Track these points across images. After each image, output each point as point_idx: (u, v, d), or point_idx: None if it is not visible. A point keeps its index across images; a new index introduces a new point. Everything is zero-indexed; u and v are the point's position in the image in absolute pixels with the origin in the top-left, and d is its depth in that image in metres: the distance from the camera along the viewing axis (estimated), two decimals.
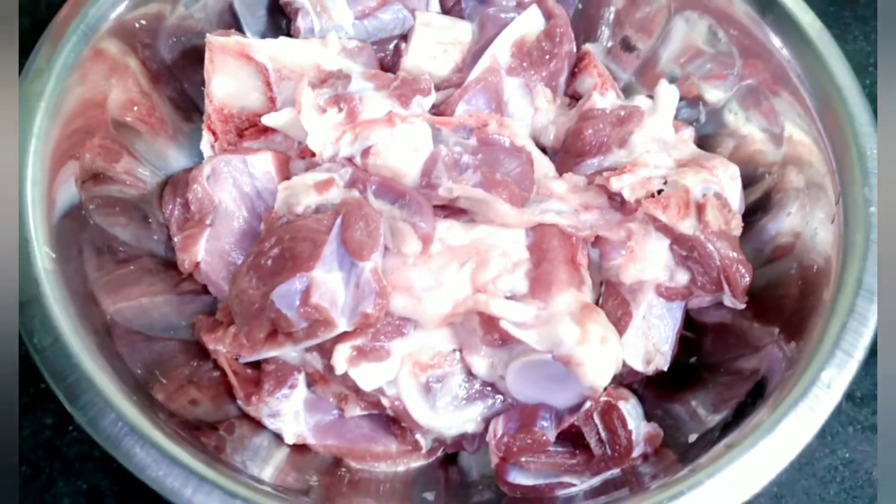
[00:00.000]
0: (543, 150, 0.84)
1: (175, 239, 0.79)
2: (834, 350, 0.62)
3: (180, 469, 0.57)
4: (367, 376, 0.69)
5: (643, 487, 0.62)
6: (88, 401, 0.58)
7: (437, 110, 0.81)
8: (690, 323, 0.79)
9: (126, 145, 0.78)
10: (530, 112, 0.85)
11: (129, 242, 0.76)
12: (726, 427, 0.64)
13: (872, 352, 0.85)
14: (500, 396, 0.73)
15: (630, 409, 0.69)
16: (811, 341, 0.64)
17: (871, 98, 1.02)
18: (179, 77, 0.84)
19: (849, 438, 0.82)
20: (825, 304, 0.65)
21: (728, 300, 0.74)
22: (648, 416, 0.72)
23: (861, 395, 0.84)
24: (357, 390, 0.71)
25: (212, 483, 0.56)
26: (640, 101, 0.83)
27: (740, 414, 0.65)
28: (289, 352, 0.73)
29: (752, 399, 0.67)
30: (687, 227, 0.71)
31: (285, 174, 0.78)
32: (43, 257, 0.63)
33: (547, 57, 0.85)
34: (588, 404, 0.68)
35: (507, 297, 0.70)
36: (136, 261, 0.76)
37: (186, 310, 0.78)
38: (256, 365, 0.75)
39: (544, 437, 0.68)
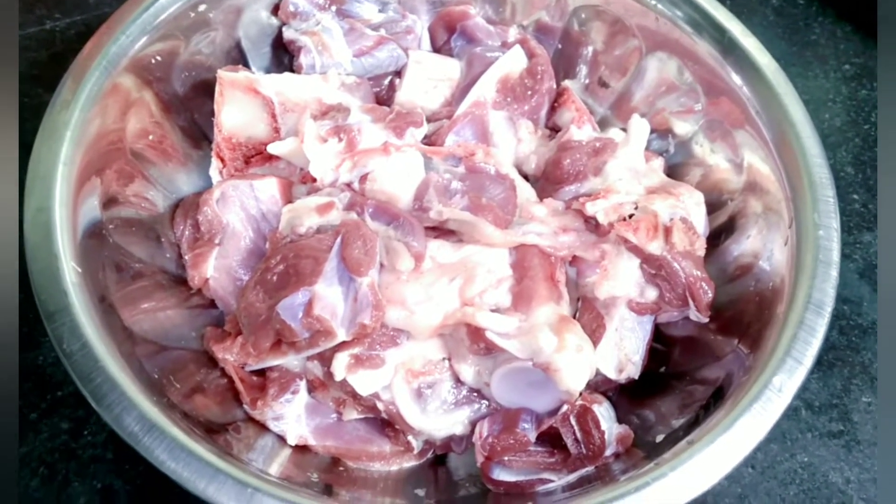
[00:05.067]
0: (525, 177, 0.86)
1: (186, 257, 0.80)
2: (785, 358, 0.65)
3: (196, 461, 0.58)
4: (364, 382, 0.72)
5: (614, 480, 0.64)
6: (113, 400, 0.59)
7: (428, 140, 0.84)
8: (661, 336, 0.81)
9: (141, 170, 0.80)
10: (514, 143, 0.87)
11: (143, 260, 0.77)
12: (689, 427, 0.66)
13: (830, 364, 0.91)
14: (486, 401, 0.75)
15: (603, 412, 0.71)
16: (766, 350, 0.67)
17: (832, 128, 1.10)
18: (190, 108, 0.87)
19: (807, 444, 0.85)
20: (779, 318, 0.69)
21: (693, 315, 0.76)
22: (621, 420, 0.74)
23: (819, 404, 0.87)
24: (354, 395, 0.73)
25: (225, 474, 0.58)
26: (614, 133, 0.86)
27: (702, 415, 0.67)
28: (291, 360, 0.75)
29: (713, 401, 0.68)
30: (655, 247, 0.74)
31: (288, 198, 0.80)
32: (70, 272, 0.65)
33: (529, 93, 0.88)
34: (565, 408, 0.70)
35: (492, 310, 0.72)
36: (150, 276, 0.77)
37: (195, 322, 0.79)
38: (261, 373, 0.76)
39: (525, 438, 0.70)
